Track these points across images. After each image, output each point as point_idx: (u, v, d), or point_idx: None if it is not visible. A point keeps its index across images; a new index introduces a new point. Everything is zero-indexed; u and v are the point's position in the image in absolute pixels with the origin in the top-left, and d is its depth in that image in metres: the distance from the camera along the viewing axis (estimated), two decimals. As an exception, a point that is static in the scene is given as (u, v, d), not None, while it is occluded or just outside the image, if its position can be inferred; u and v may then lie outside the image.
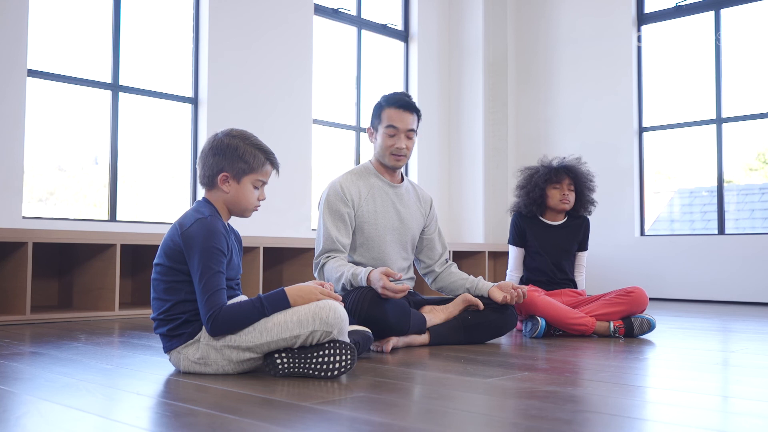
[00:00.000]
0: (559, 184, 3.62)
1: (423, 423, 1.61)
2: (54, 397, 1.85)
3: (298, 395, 1.87)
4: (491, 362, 2.51)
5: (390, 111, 2.98)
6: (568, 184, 3.63)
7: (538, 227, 3.67)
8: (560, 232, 3.67)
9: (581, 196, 3.68)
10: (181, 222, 2.21)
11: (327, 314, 2.10)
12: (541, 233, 3.65)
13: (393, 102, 2.99)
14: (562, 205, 3.62)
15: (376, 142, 3.06)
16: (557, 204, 3.63)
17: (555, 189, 3.63)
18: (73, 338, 3.16)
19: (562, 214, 3.71)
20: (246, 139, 2.26)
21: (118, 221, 5.07)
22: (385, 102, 3.02)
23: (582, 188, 3.66)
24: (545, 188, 3.63)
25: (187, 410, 1.70)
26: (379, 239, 3.04)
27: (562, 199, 3.61)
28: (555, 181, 3.62)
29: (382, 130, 3.00)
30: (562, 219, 3.71)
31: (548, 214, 3.70)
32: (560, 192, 3.62)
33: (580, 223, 3.73)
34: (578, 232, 3.71)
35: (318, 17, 6.39)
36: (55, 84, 4.93)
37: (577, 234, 3.71)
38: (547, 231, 3.66)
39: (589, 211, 3.74)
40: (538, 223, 3.68)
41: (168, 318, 2.20)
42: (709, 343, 3.27)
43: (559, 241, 3.66)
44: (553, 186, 3.63)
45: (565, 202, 3.61)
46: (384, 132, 3.00)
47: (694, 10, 6.50)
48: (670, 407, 1.82)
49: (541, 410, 1.71)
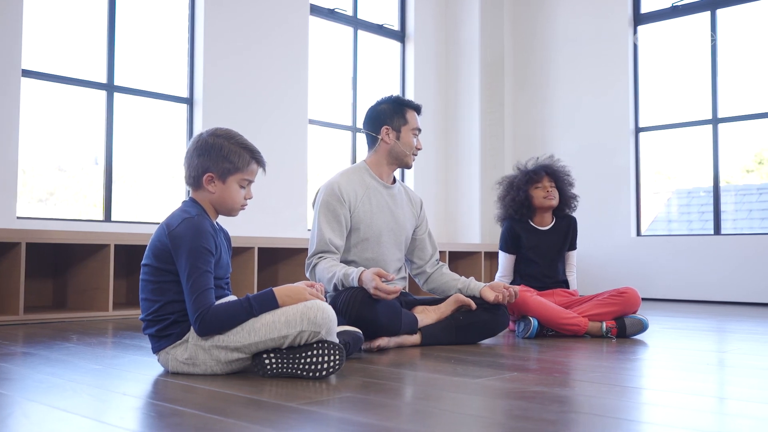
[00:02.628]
0: (540, 182, 3.66)
1: (408, 423, 1.61)
2: (40, 398, 1.85)
3: (286, 396, 1.87)
4: (481, 362, 2.51)
5: (412, 113, 3.13)
6: (548, 182, 3.67)
7: (530, 233, 3.69)
8: (551, 236, 3.70)
9: (563, 192, 3.71)
10: (168, 222, 2.21)
11: (315, 314, 2.10)
12: (533, 239, 3.67)
13: (413, 105, 3.15)
14: (547, 202, 3.64)
15: (394, 142, 3.08)
16: (542, 202, 3.65)
17: (537, 188, 3.66)
18: (65, 339, 3.16)
19: (550, 218, 3.74)
20: (231, 139, 2.25)
21: (113, 221, 5.07)
22: (405, 104, 3.14)
23: (562, 184, 3.71)
24: (528, 190, 3.66)
25: (173, 411, 1.69)
26: (374, 240, 3.04)
27: (546, 196, 3.64)
28: (535, 181, 3.66)
29: (409, 131, 3.09)
30: (551, 222, 3.73)
31: (537, 218, 3.72)
32: (543, 190, 3.65)
33: (568, 224, 3.75)
34: (567, 232, 3.73)
35: (314, 17, 6.39)
36: (50, 84, 4.93)
37: (566, 235, 3.73)
38: (539, 237, 3.68)
39: (573, 207, 3.77)
40: (530, 229, 3.70)
41: (156, 318, 2.20)
42: (702, 344, 3.26)
43: (551, 245, 3.69)
44: (535, 186, 3.66)
45: (549, 198, 3.64)
46: (411, 132, 3.11)
47: (690, 11, 6.50)
48: (658, 407, 1.82)
49: (527, 410, 1.71)
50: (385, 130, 3.09)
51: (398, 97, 3.16)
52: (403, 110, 3.10)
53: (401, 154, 3.09)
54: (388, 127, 3.09)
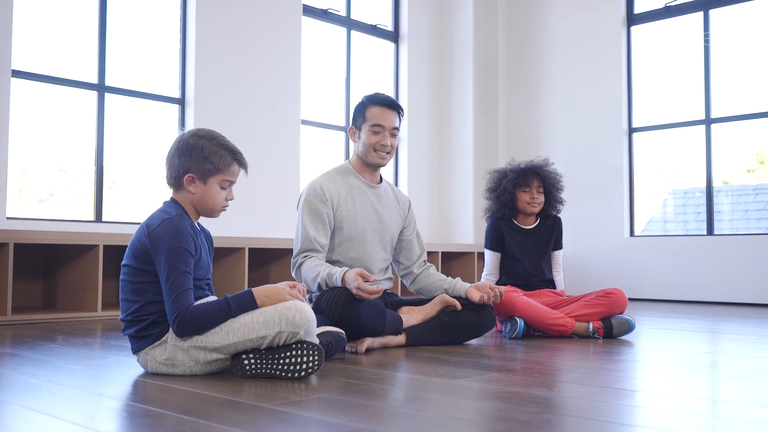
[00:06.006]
0: (528, 187, 3.65)
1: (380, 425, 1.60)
2: (14, 399, 1.84)
3: (264, 396, 1.86)
4: (464, 363, 2.50)
5: (374, 109, 3.02)
6: (537, 187, 3.66)
7: (514, 232, 3.69)
8: (534, 236, 3.70)
9: (550, 197, 3.71)
10: (148, 223, 2.20)
11: (293, 315, 2.10)
12: (517, 238, 3.68)
13: (377, 101, 3.03)
14: (531, 208, 3.65)
15: (359, 141, 3.07)
16: (526, 207, 3.66)
17: (524, 192, 3.65)
18: (51, 339, 3.15)
19: (533, 217, 3.73)
20: (212, 139, 2.24)
21: (103, 222, 5.06)
22: (368, 100, 3.05)
23: (550, 189, 3.70)
24: (514, 192, 3.65)
25: (147, 412, 1.69)
26: (358, 239, 3.04)
27: (530, 202, 3.64)
28: (524, 185, 3.65)
29: (367, 128, 3.02)
30: (534, 222, 3.73)
31: (520, 218, 3.72)
32: (529, 195, 3.64)
33: (552, 224, 3.75)
34: (552, 232, 3.73)
35: (307, 18, 6.39)
36: (41, 85, 4.92)
37: (551, 234, 3.73)
38: (523, 236, 3.68)
39: (558, 210, 3.76)
40: (513, 227, 3.70)
41: (136, 319, 2.19)
42: (690, 344, 3.25)
43: (535, 244, 3.69)
44: (522, 189, 3.65)
45: (533, 205, 3.65)
46: (369, 130, 3.02)
47: (683, 11, 6.50)
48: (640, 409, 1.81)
49: (502, 411, 1.70)
50: (350, 130, 3.11)
51: (367, 94, 3.08)
52: (364, 107, 3.04)
53: (363, 153, 3.07)
54: (352, 127, 3.10)
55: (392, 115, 3.03)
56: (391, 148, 3.05)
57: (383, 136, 3.01)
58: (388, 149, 3.04)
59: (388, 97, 3.06)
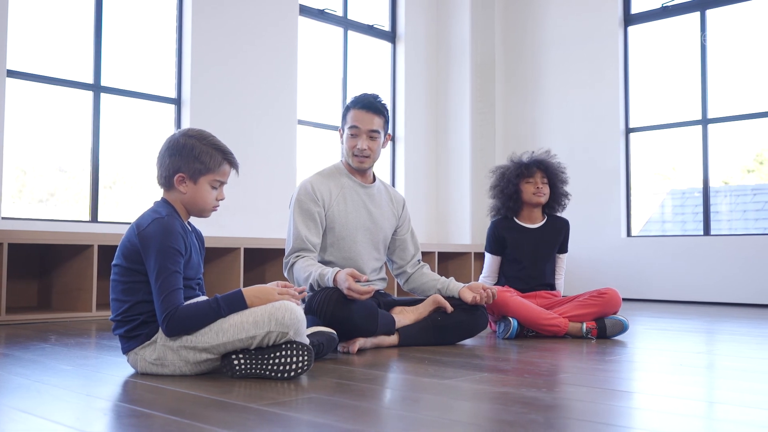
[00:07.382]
0: (531, 177, 3.60)
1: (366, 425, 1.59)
2: (2, 399, 1.84)
3: (253, 397, 1.86)
4: (455, 363, 2.50)
5: (354, 111, 2.99)
6: (540, 177, 3.61)
7: (516, 233, 3.63)
8: (539, 235, 3.64)
9: (555, 189, 3.65)
10: (138, 222, 2.20)
11: (283, 315, 2.09)
12: (519, 239, 3.61)
13: (357, 103, 2.99)
14: (536, 198, 3.60)
15: (342, 144, 3.07)
16: (531, 198, 3.60)
17: (528, 183, 3.61)
18: (44, 339, 3.15)
19: (539, 215, 3.69)
20: (203, 139, 2.24)
21: (99, 222, 5.06)
22: (351, 103, 3.04)
23: (555, 181, 3.64)
24: (518, 183, 3.62)
25: (134, 412, 1.68)
26: (350, 239, 3.03)
27: (535, 192, 3.59)
28: (527, 175, 3.60)
29: (346, 130, 3.01)
30: (541, 221, 3.69)
31: (525, 213, 3.67)
32: (534, 185, 3.60)
33: (560, 227, 3.70)
34: (558, 234, 3.68)
35: (303, 18, 6.38)
36: (36, 85, 4.92)
37: (557, 236, 3.68)
38: (526, 235, 3.62)
39: (564, 205, 3.71)
40: (516, 228, 3.64)
41: (126, 319, 2.19)
42: (683, 344, 3.25)
43: (539, 244, 3.62)
44: (526, 180, 3.61)
45: (539, 195, 3.59)
46: (347, 132, 3.00)
47: (679, 11, 6.50)
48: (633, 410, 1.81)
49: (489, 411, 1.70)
50: (339, 131, 3.11)
51: (354, 96, 3.05)
52: (347, 110, 3.03)
53: (345, 156, 3.06)
54: (340, 129, 3.09)
55: (371, 117, 2.96)
56: (369, 151, 2.98)
57: (359, 138, 2.97)
58: (365, 152, 2.98)
59: (367, 99, 2.99)
